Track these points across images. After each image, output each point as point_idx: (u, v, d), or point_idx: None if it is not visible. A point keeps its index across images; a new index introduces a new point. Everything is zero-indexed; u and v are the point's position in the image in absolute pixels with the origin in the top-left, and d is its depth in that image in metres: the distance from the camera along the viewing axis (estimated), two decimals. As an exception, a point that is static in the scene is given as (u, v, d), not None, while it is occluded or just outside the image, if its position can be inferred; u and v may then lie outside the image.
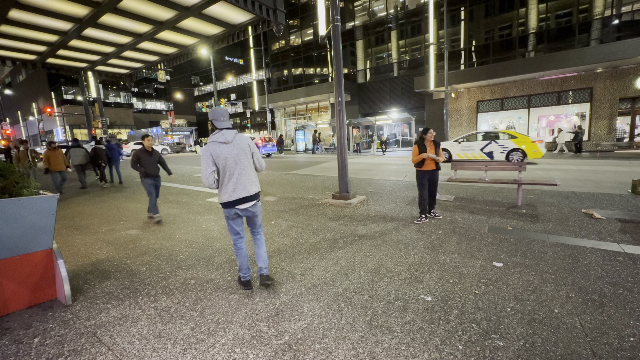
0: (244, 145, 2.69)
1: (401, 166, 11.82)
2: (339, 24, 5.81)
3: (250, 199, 2.69)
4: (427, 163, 4.62)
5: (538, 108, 17.49)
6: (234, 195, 2.62)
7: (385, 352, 1.97)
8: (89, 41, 9.52)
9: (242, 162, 2.66)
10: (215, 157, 2.58)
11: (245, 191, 2.65)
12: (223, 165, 2.60)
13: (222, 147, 2.59)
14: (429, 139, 4.65)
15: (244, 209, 2.71)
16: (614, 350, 1.90)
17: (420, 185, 4.71)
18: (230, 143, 2.63)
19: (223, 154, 2.59)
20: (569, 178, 7.75)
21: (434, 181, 4.77)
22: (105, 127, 15.90)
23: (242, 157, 2.66)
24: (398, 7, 22.52)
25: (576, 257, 3.23)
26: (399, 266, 3.20)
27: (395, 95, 23.11)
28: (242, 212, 2.72)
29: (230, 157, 2.60)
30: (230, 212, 2.70)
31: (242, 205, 2.67)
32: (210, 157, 2.58)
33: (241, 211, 2.71)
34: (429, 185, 4.72)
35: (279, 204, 6.20)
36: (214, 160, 2.58)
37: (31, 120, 42.69)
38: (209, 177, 2.59)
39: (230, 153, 2.61)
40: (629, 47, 13.29)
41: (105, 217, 5.74)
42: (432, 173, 4.71)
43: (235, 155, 2.62)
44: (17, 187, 2.65)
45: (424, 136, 4.67)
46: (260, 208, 2.85)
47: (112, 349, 2.10)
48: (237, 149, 2.65)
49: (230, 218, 2.73)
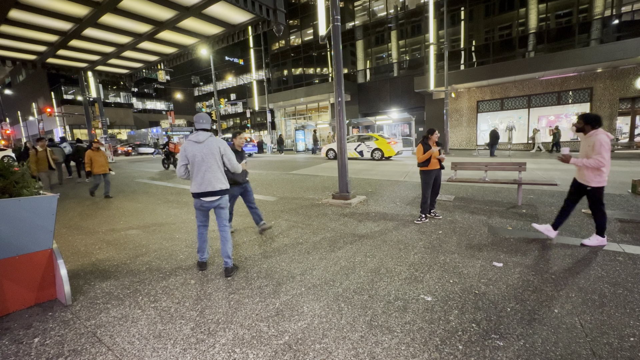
0: (213, 147, 3.06)
1: (401, 166, 11.82)
2: (339, 24, 5.81)
3: (214, 194, 3.07)
4: (432, 162, 4.62)
5: (538, 108, 17.49)
6: (200, 189, 3.04)
7: (385, 352, 1.97)
8: (89, 41, 9.53)
9: (209, 161, 3.03)
10: (187, 153, 3.03)
11: (210, 186, 3.04)
12: (192, 161, 3.03)
13: (194, 146, 3.03)
14: (433, 140, 4.65)
15: (209, 202, 3.10)
16: (614, 350, 1.90)
17: (425, 184, 4.70)
18: (201, 143, 3.03)
19: (193, 151, 3.01)
20: (569, 178, 7.70)
21: (437, 181, 4.78)
22: (105, 127, 15.91)
23: (209, 156, 3.03)
24: (398, 7, 22.52)
25: (576, 257, 3.23)
26: (399, 266, 3.20)
27: (395, 95, 23.11)
28: (207, 204, 3.11)
29: (198, 155, 3.00)
30: (197, 203, 3.13)
31: (206, 198, 3.07)
32: (183, 153, 3.04)
33: (206, 203, 3.10)
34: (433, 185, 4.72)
35: (279, 204, 6.20)
36: (186, 156, 3.03)
37: (31, 120, 42.66)
38: (180, 168, 3.09)
39: (199, 151, 3.00)
40: (629, 47, 13.29)
41: (105, 217, 5.74)
42: (437, 172, 4.73)
43: (203, 154, 3.01)
44: (17, 187, 2.65)
45: (429, 136, 4.67)
46: (226, 203, 3.21)
47: (112, 349, 2.10)
48: (206, 149, 3.03)
49: (198, 208, 3.17)
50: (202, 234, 3.28)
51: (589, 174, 3.33)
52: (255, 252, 3.74)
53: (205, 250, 3.31)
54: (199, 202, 3.11)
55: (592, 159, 3.20)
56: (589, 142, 3.32)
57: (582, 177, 3.42)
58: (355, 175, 9.56)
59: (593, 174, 3.30)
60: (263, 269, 3.26)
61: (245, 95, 37.18)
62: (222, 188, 3.10)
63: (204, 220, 3.26)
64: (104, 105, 17.95)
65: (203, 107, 53.26)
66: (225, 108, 44.55)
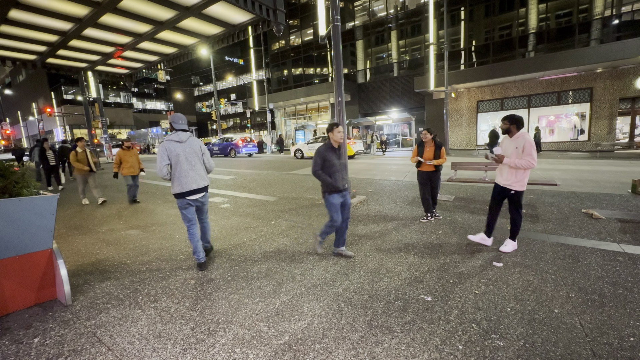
0: (195, 146, 3.16)
1: (401, 166, 11.82)
2: (339, 24, 5.80)
3: (199, 191, 3.17)
4: (423, 164, 4.62)
5: (538, 108, 17.49)
6: (185, 187, 3.08)
7: (385, 352, 1.97)
8: (89, 41, 9.52)
9: (193, 160, 3.11)
10: (169, 153, 3.03)
11: (195, 184, 3.12)
12: (175, 160, 3.04)
13: (176, 145, 3.06)
14: (428, 139, 4.62)
15: (194, 199, 3.18)
16: (614, 350, 1.90)
17: (419, 184, 4.77)
18: (183, 142, 3.10)
19: (176, 151, 3.04)
20: (569, 178, 7.75)
21: (432, 182, 4.70)
22: (105, 127, 15.91)
23: (192, 155, 3.12)
24: (398, 7, 22.52)
25: (576, 257, 3.23)
26: (399, 266, 3.20)
27: (395, 95, 23.11)
28: (192, 202, 3.19)
29: (182, 154, 3.06)
30: (183, 203, 3.15)
31: (192, 196, 3.14)
32: (165, 153, 3.03)
33: (192, 201, 3.18)
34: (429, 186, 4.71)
35: (279, 204, 6.20)
36: (168, 156, 3.04)
37: (31, 120, 42.68)
38: (162, 169, 3.03)
39: (182, 151, 3.06)
40: (629, 47, 13.28)
41: (106, 217, 5.74)
42: (429, 174, 4.65)
43: (186, 153, 3.08)
44: (17, 187, 2.65)
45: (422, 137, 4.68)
46: (207, 199, 3.36)
47: (112, 349, 2.10)
48: (189, 148, 3.10)
49: (183, 208, 3.18)
50: (193, 234, 3.24)
51: (513, 177, 3.29)
52: (256, 252, 3.74)
53: (200, 250, 3.28)
54: (184, 202, 3.13)
55: (524, 159, 3.16)
56: (516, 144, 3.26)
57: (506, 180, 3.36)
58: (355, 175, 9.56)
59: (517, 177, 3.27)
60: (263, 269, 3.26)
61: (245, 95, 37.20)
62: (205, 184, 3.25)
63: (191, 219, 3.24)
64: (104, 105, 17.98)
65: (203, 107, 53.24)
66: (225, 108, 44.52)
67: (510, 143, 3.36)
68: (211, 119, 44.04)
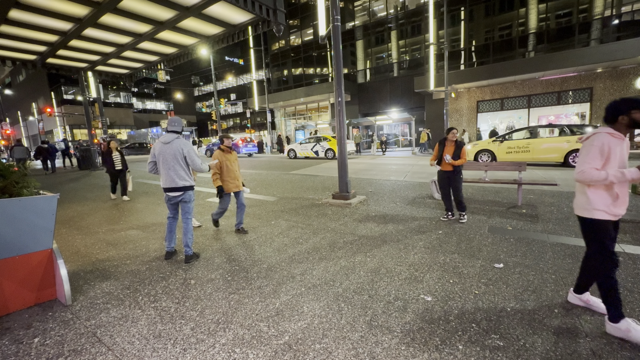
0: (176, 149, 3.39)
1: (401, 166, 11.82)
2: (339, 24, 5.81)
3: (177, 189, 3.42)
4: (443, 163, 4.64)
5: (538, 108, 17.48)
6: (165, 184, 3.43)
7: (385, 352, 1.97)
8: (89, 41, 9.52)
9: (172, 161, 3.37)
10: (155, 152, 3.42)
11: (172, 183, 3.39)
12: (158, 159, 3.42)
13: (162, 146, 3.39)
14: (450, 139, 4.60)
15: (174, 196, 3.47)
16: (614, 350, 1.90)
17: (438, 182, 4.85)
18: (167, 144, 3.38)
19: (160, 150, 3.39)
20: (569, 178, 7.74)
21: (451, 183, 4.62)
22: (105, 127, 15.90)
23: (171, 157, 3.37)
24: (398, 7, 22.51)
25: (576, 257, 3.23)
26: (399, 266, 3.20)
27: (395, 95, 23.10)
28: (172, 198, 3.49)
29: (162, 155, 3.38)
30: (166, 197, 3.53)
31: (171, 193, 3.45)
32: (153, 151, 3.45)
33: (171, 197, 3.48)
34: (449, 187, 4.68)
35: (279, 204, 6.19)
36: (154, 154, 3.44)
37: (31, 120, 42.65)
38: (148, 165, 3.52)
39: (164, 151, 3.37)
40: (629, 47, 13.28)
41: (105, 217, 5.74)
42: (447, 174, 4.62)
43: (167, 154, 3.37)
44: (17, 187, 2.65)
45: (446, 136, 4.66)
46: (190, 198, 3.52)
47: (112, 349, 2.10)
48: (170, 150, 3.37)
49: (166, 201, 3.56)
50: (168, 224, 3.64)
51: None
52: (255, 252, 3.74)
53: (172, 240, 3.66)
54: (167, 197, 3.50)
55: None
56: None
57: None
58: (355, 175, 9.56)
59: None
60: (263, 269, 3.26)
61: (245, 95, 37.19)
62: (184, 185, 3.44)
63: (173, 213, 3.62)
64: (104, 105, 17.98)
65: (203, 107, 53.23)
66: (225, 108, 44.49)
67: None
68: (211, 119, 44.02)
